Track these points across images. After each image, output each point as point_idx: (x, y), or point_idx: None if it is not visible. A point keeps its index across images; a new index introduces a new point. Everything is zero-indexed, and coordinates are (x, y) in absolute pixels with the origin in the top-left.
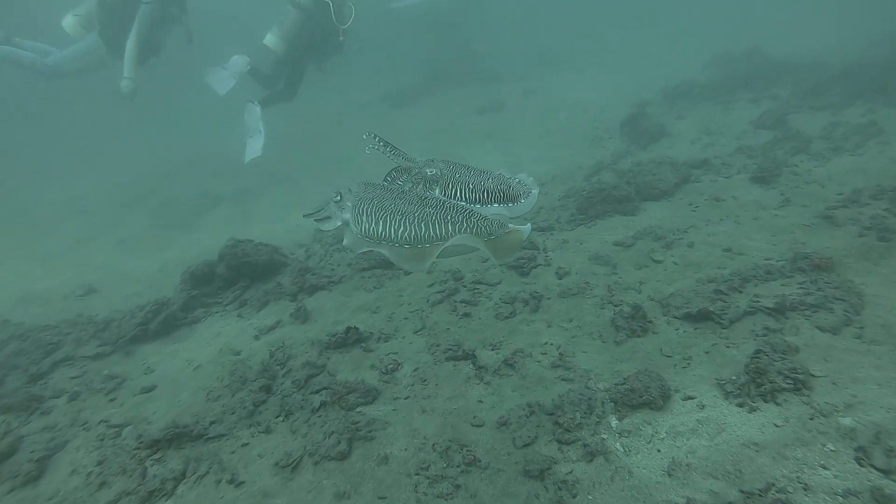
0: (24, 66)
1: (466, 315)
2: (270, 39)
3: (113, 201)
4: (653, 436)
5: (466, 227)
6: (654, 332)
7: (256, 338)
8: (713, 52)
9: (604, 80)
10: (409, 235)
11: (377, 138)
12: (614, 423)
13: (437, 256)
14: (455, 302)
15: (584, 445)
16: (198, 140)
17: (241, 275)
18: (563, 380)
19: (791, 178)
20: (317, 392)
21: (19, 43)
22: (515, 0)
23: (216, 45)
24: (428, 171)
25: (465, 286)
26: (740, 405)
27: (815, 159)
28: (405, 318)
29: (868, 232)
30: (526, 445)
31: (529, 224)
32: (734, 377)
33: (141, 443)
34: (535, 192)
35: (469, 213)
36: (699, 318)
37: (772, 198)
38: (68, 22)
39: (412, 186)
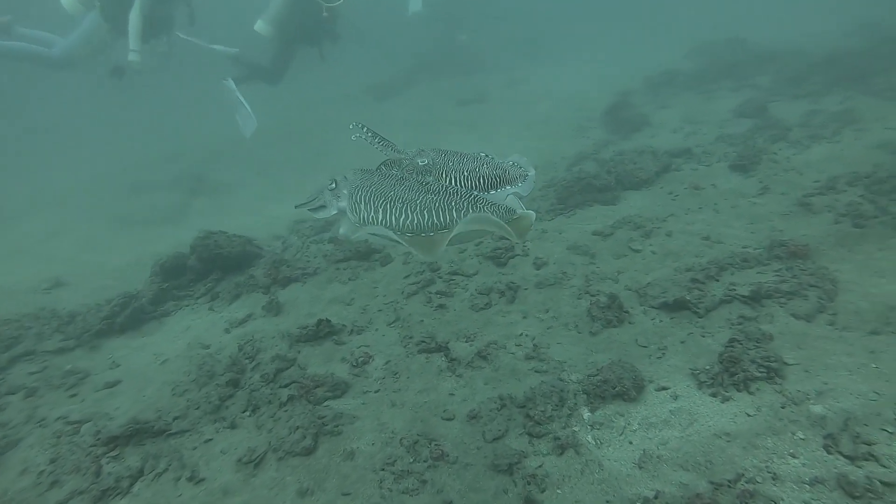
0: (28, 59)
1: (441, 307)
2: (260, 25)
3: (88, 193)
4: (625, 427)
5: (472, 213)
6: (630, 322)
7: (227, 331)
8: (696, 41)
9: (588, 70)
10: (412, 223)
11: (364, 128)
12: (586, 415)
13: (449, 242)
14: (430, 293)
15: (555, 438)
16: (178, 132)
17: (213, 267)
18: (536, 371)
19: (770, 166)
20: (286, 386)
21: (23, 34)
22: None
23: (217, 27)
24: (419, 161)
25: (440, 277)
26: (713, 395)
27: (794, 147)
28: (379, 310)
29: (843, 219)
30: (496, 439)
31: (533, 211)
32: (708, 367)
33: (98, 440)
34: (532, 173)
35: (474, 198)
36: (675, 307)
37: (751, 186)
38: (68, 0)
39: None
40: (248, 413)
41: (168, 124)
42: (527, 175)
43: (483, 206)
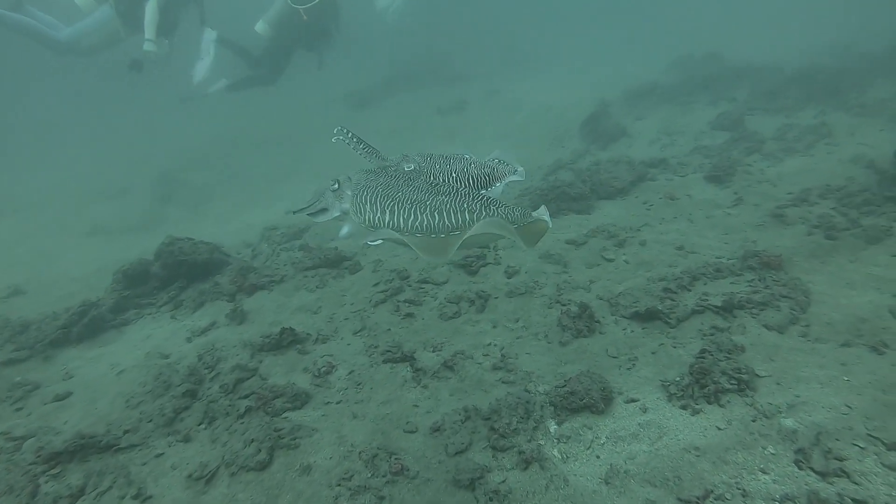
0: (34, 36)
1: (409, 315)
2: (260, 26)
3: (62, 197)
4: (592, 441)
5: (486, 216)
6: (601, 333)
7: (189, 340)
8: (675, 56)
9: (567, 81)
10: (421, 225)
11: (350, 133)
12: (553, 427)
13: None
14: (398, 301)
15: (520, 452)
16: (155, 137)
17: (177, 274)
18: (503, 382)
19: (745, 178)
20: (245, 397)
21: (32, 12)
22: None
23: (222, 27)
24: (405, 166)
25: (410, 285)
26: (683, 407)
27: (768, 159)
28: (346, 319)
29: (816, 230)
30: (459, 453)
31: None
32: (679, 378)
33: (39, 456)
34: (520, 169)
35: (487, 200)
36: (647, 317)
37: (725, 197)
38: None
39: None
40: (203, 426)
41: (146, 128)
42: (515, 170)
43: (496, 209)
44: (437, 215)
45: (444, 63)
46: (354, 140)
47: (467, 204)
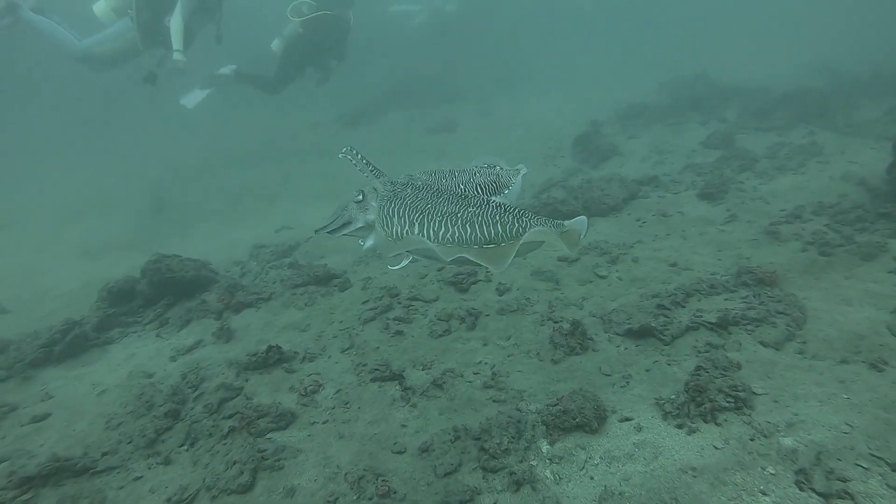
0: (55, 40)
1: (399, 333)
2: (275, 44)
3: (45, 214)
4: (586, 461)
5: (519, 228)
6: (594, 350)
7: (173, 359)
8: (666, 76)
9: (560, 100)
10: (453, 237)
11: (358, 154)
12: (545, 447)
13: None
14: (388, 319)
15: (511, 473)
16: (144, 153)
17: (164, 292)
18: (494, 401)
19: (737, 195)
20: (230, 417)
21: (55, 21)
22: (481, 20)
23: (242, 48)
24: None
25: (400, 303)
26: (679, 426)
27: (761, 177)
28: (334, 337)
29: (810, 247)
30: (448, 474)
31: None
32: (674, 396)
33: (10, 481)
34: (524, 170)
35: (519, 211)
36: (641, 334)
37: (718, 213)
38: (100, 7)
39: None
40: (185, 447)
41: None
42: (519, 172)
43: (530, 219)
44: (468, 227)
45: (436, 82)
46: (363, 162)
47: (499, 216)
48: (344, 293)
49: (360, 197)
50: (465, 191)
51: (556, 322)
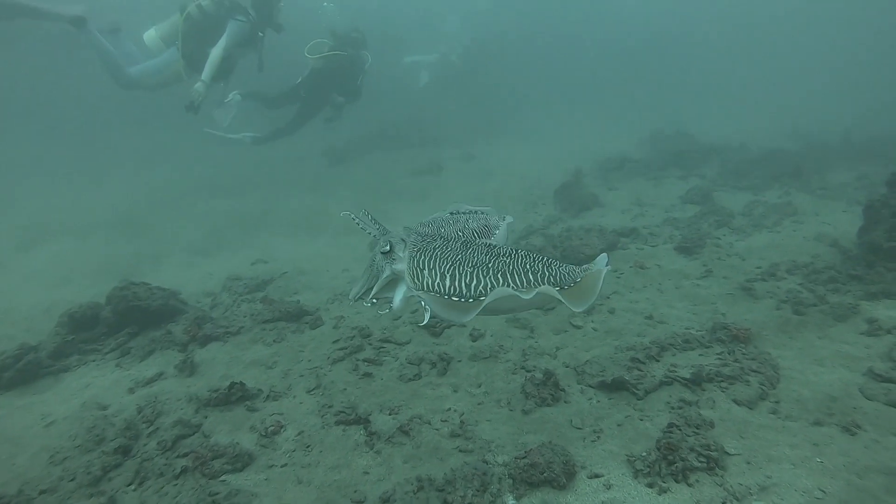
0: (107, 63)
1: (367, 375)
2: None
3: (10, 236)
4: None
5: (550, 277)
6: (565, 402)
7: (131, 391)
8: (647, 131)
9: (542, 150)
10: (485, 288)
11: (369, 215)
12: (510, 502)
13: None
14: (357, 360)
15: None
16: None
17: (129, 320)
18: (460, 451)
19: (714, 250)
20: (184, 456)
21: (122, 41)
22: (481, 70)
23: (280, 76)
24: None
25: (371, 344)
26: (650, 485)
27: (737, 234)
28: (301, 376)
29: (784, 305)
30: None
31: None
32: (645, 453)
33: None
34: (509, 219)
35: (548, 260)
36: (614, 387)
37: (695, 268)
38: (150, 36)
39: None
40: (133, 486)
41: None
42: (504, 219)
43: (559, 269)
44: (500, 278)
45: (421, 126)
46: (371, 221)
47: (530, 265)
48: (315, 331)
49: (388, 247)
50: (461, 236)
51: (528, 371)
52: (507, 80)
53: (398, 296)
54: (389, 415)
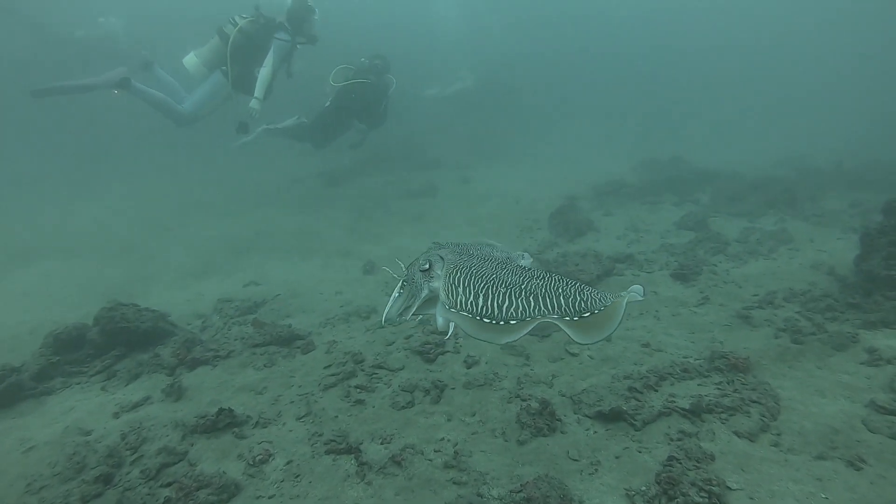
0: (159, 108)
1: (359, 402)
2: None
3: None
4: None
5: (581, 301)
6: (562, 432)
7: (116, 416)
8: (642, 157)
9: (538, 174)
10: (517, 311)
11: (401, 266)
12: None
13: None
14: (350, 387)
15: None
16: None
17: (116, 342)
18: (454, 483)
19: (710, 277)
20: (168, 486)
21: (160, 76)
22: (491, 93)
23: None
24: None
25: (363, 370)
26: None
27: (733, 260)
28: (291, 402)
29: (782, 334)
30: None
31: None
32: (644, 487)
33: None
34: (527, 258)
35: (579, 285)
36: (611, 417)
37: (691, 295)
38: (191, 61)
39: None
40: None
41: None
42: (522, 256)
43: (589, 294)
44: (532, 300)
45: (417, 148)
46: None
47: (562, 288)
48: (306, 356)
49: (427, 266)
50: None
51: (524, 400)
52: (515, 102)
53: (440, 316)
54: (381, 444)
